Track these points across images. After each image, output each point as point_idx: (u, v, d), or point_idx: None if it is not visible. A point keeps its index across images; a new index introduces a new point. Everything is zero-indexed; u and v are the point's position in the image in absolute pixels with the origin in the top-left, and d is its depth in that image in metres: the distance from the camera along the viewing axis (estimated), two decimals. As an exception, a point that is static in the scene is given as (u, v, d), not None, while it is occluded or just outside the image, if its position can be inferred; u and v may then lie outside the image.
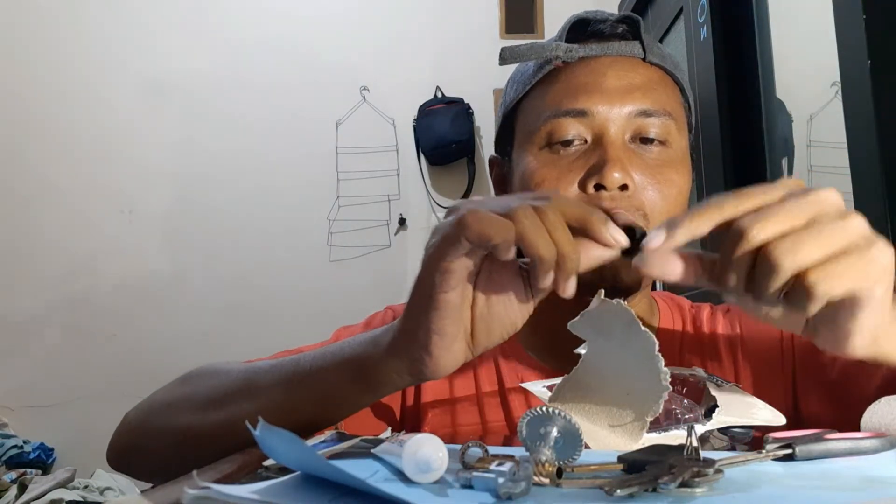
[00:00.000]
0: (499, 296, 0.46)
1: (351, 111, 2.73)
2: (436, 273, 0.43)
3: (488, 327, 0.46)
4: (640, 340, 0.44)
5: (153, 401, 0.64)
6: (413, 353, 0.46)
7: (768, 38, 1.61)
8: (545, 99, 0.66)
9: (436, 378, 0.47)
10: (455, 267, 0.43)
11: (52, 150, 2.71)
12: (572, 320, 0.49)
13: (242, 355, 0.73)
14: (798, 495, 0.33)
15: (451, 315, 0.44)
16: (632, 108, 0.63)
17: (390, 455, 0.37)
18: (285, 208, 2.68)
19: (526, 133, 0.67)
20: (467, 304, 0.45)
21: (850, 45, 1.09)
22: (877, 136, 1.03)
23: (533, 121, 0.67)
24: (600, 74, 0.65)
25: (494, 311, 0.46)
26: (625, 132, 0.64)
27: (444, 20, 2.80)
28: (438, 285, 0.43)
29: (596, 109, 0.63)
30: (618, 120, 0.63)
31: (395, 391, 0.51)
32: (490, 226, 0.41)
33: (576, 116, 0.63)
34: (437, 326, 0.44)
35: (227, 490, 0.30)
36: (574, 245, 0.42)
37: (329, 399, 0.52)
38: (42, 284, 2.63)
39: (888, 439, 0.41)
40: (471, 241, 0.41)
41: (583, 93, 0.64)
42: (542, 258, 0.41)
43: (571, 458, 0.36)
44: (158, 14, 2.78)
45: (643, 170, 0.63)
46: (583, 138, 0.64)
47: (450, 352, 0.45)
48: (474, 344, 0.46)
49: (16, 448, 2.37)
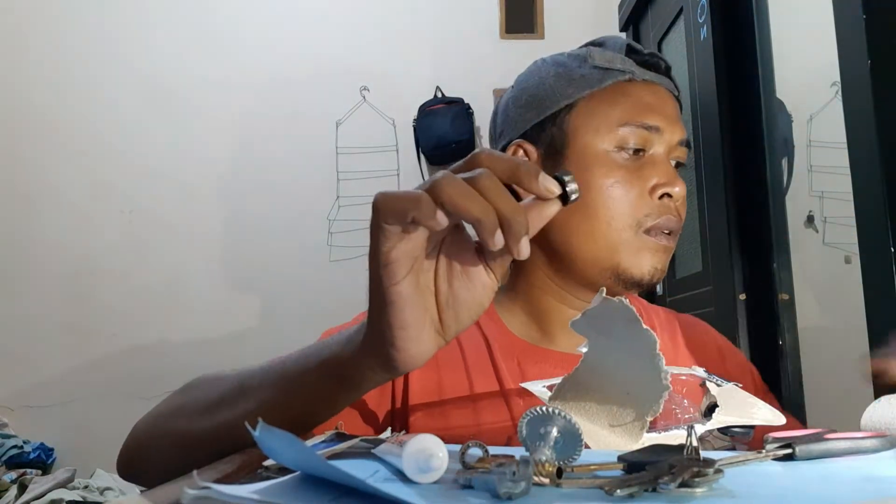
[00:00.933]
0: (460, 279, 0.45)
1: (351, 111, 2.73)
2: (378, 267, 0.43)
3: (455, 312, 0.46)
4: (641, 339, 0.44)
5: (156, 411, 0.65)
6: (381, 349, 0.45)
7: (768, 38, 1.61)
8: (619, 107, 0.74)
9: (410, 370, 0.47)
10: (395, 256, 0.42)
11: (53, 150, 2.71)
12: (573, 318, 0.49)
13: (242, 355, 0.74)
14: (798, 495, 0.33)
15: (408, 306, 0.44)
16: (681, 136, 0.76)
17: (390, 455, 0.37)
18: (285, 208, 2.68)
19: (594, 129, 0.75)
20: (427, 292, 0.45)
21: (850, 45, 1.09)
22: (877, 136, 1.03)
23: (603, 121, 0.74)
24: (662, 100, 0.76)
25: (459, 295, 0.46)
26: (672, 153, 0.75)
27: (444, 20, 2.80)
28: (386, 278, 0.43)
29: (663, 129, 0.74)
30: (672, 143, 0.75)
31: (376, 386, 0.52)
32: (401, 202, 0.40)
33: (649, 130, 0.74)
34: (398, 321, 0.44)
35: (227, 490, 0.30)
36: (516, 206, 0.41)
37: (314, 399, 0.53)
38: (42, 284, 2.64)
39: (888, 439, 0.41)
40: (387, 221, 0.41)
41: (653, 112, 0.74)
42: (480, 220, 0.40)
43: (571, 458, 0.35)
44: (158, 14, 2.78)
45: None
46: (647, 149, 0.74)
47: (418, 342, 0.45)
48: (444, 330, 0.46)
49: (16, 448, 2.37)
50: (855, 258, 1.13)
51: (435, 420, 0.70)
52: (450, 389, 0.71)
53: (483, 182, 0.41)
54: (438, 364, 0.72)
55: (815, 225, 1.72)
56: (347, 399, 0.54)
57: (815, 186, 1.70)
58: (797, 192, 1.70)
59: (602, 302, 0.46)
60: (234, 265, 2.67)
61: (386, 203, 0.41)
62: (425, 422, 0.70)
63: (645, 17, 2.33)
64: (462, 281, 0.45)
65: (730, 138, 1.66)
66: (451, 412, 0.70)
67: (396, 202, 0.40)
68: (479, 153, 0.43)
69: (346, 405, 0.54)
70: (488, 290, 0.46)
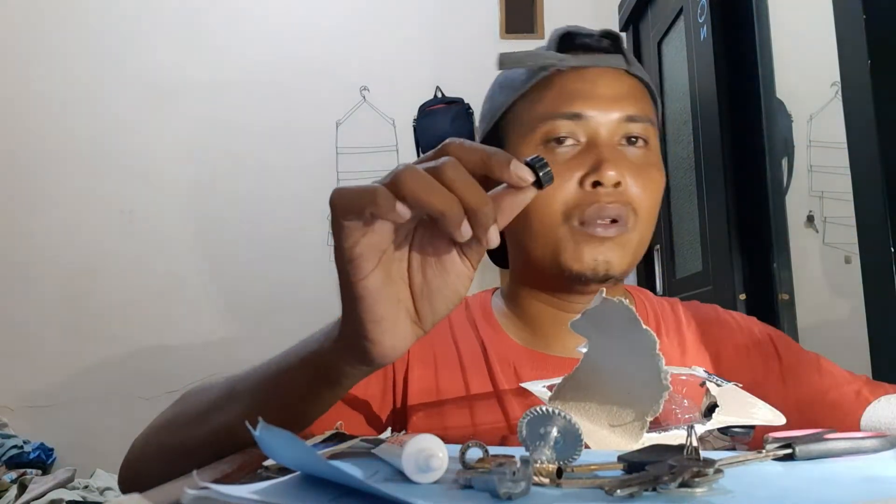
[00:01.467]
0: (434, 268, 0.44)
1: (351, 111, 2.73)
2: (344, 264, 0.43)
3: (430, 302, 0.45)
4: (641, 339, 0.44)
5: (152, 425, 0.66)
6: (356, 343, 0.45)
7: (768, 38, 1.61)
8: (541, 103, 0.72)
9: (389, 362, 0.46)
10: (359, 251, 0.42)
11: (53, 152, 2.71)
12: (573, 319, 0.49)
13: (242, 356, 0.74)
14: (798, 495, 0.33)
15: (379, 300, 0.43)
16: (620, 113, 0.71)
17: (390, 455, 0.37)
18: (285, 208, 2.68)
19: (521, 134, 0.73)
20: (400, 282, 0.45)
21: (850, 45, 1.09)
22: (877, 136, 1.03)
23: (528, 122, 0.73)
24: (591, 83, 0.72)
25: (433, 285, 0.45)
26: (614, 135, 0.71)
27: (444, 20, 2.80)
28: (352, 275, 0.43)
29: (589, 114, 0.70)
30: (608, 124, 0.71)
31: (358, 381, 0.51)
32: (356, 197, 0.40)
33: (571, 119, 0.70)
34: (369, 315, 0.43)
35: (227, 490, 0.30)
36: (482, 195, 0.40)
37: (299, 398, 0.52)
38: (42, 285, 2.64)
39: (888, 439, 0.41)
40: (346, 218, 0.40)
41: (577, 98, 0.71)
42: (443, 213, 0.39)
43: (571, 458, 0.36)
44: (158, 16, 2.78)
45: (631, 169, 0.70)
46: (576, 139, 0.71)
47: (392, 335, 0.44)
48: (420, 320, 0.46)
49: (16, 448, 2.37)
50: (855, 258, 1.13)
51: (432, 420, 0.70)
52: (446, 391, 0.71)
53: (448, 173, 0.40)
54: (437, 365, 0.72)
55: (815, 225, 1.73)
56: (333, 396, 0.53)
57: (815, 186, 1.71)
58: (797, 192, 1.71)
59: (602, 302, 0.46)
60: (234, 265, 2.67)
61: (342, 199, 0.40)
62: (423, 422, 0.70)
63: (645, 17, 2.33)
64: (436, 270, 0.45)
65: (730, 138, 1.66)
66: (447, 413, 0.70)
67: (352, 198, 0.40)
68: (448, 143, 0.42)
69: (332, 402, 0.54)
70: (464, 278, 0.45)
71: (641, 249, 0.73)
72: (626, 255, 0.70)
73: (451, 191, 0.39)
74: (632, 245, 0.70)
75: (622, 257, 0.69)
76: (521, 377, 0.70)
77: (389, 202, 0.39)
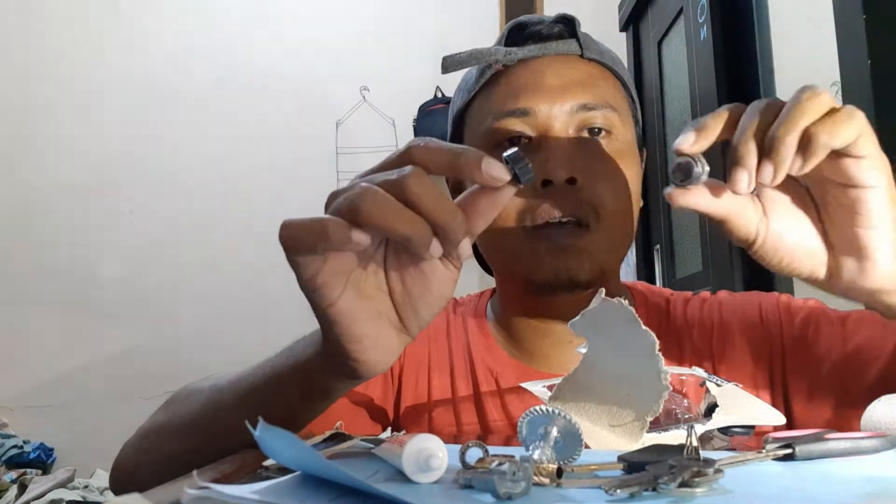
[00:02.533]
0: (413, 276, 0.42)
1: (351, 111, 2.73)
2: (308, 292, 0.41)
3: (414, 309, 0.43)
4: (641, 339, 0.44)
5: (142, 430, 0.64)
6: (341, 361, 0.43)
7: (768, 38, 1.61)
8: (488, 102, 0.68)
9: (377, 374, 0.45)
10: (321, 281, 0.39)
11: (52, 150, 2.71)
12: (573, 319, 0.49)
13: (242, 355, 0.74)
14: (798, 495, 0.33)
15: (354, 320, 0.41)
16: (573, 103, 0.64)
17: (390, 455, 0.37)
18: (285, 208, 2.67)
19: (473, 137, 0.69)
20: (378, 295, 0.42)
21: (850, 45, 1.09)
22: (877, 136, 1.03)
23: (478, 125, 0.68)
24: (539, 74, 0.66)
25: (415, 292, 0.42)
26: (568, 128, 0.64)
27: (444, 20, 2.80)
28: (319, 302, 0.40)
29: (538, 108, 0.64)
30: (560, 116, 0.64)
31: (346, 392, 0.50)
32: (304, 233, 0.37)
33: (519, 116, 0.65)
34: (347, 336, 0.42)
35: (227, 490, 0.30)
36: (450, 209, 0.37)
37: (284, 409, 0.51)
38: (42, 285, 2.64)
39: (888, 439, 0.41)
40: (296, 254, 0.38)
41: (523, 92, 0.65)
42: (409, 237, 0.36)
43: (571, 458, 0.36)
44: (158, 14, 2.78)
45: (590, 163, 0.63)
46: (527, 137, 0.65)
47: (375, 350, 0.43)
48: (406, 328, 0.44)
49: (16, 448, 2.37)
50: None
51: (421, 422, 0.69)
52: (435, 393, 0.70)
53: (410, 187, 0.36)
54: (430, 367, 0.71)
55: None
56: (323, 405, 0.52)
57: (815, 186, 1.70)
58: (797, 192, 1.70)
59: (601, 303, 0.46)
60: (234, 265, 2.66)
61: (289, 237, 0.38)
62: (413, 423, 0.69)
63: (645, 17, 2.33)
64: (416, 277, 0.42)
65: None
66: (434, 416, 0.70)
67: (301, 234, 0.37)
68: (412, 146, 0.39)
69: (322, 411, 0.53)
70: (447, 280, 0.43)
71: (615, 251, 0.67)
72: (591, 259, 0.63)
73: (416, 208, 0.36)
74: (598, 248, 0.63)
75: (586, 263, 0.62)
76: (501, 387, 0.69)
77: (343, 233, 0.36)
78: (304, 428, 0.54)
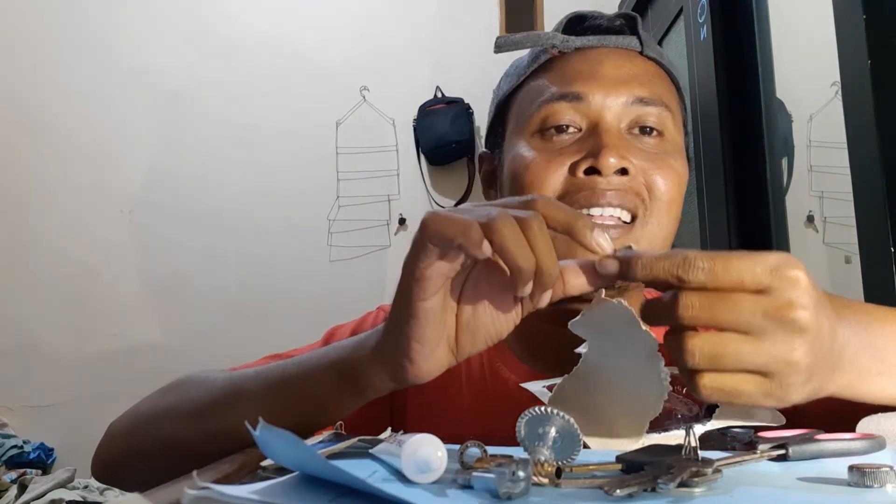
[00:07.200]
0: (485, 305, 0.45)
1: (351, 111, 2.73)
2: (411, 281, 0.43)
3: (473, 335, 0.46)
4: (641, 340, 0.44)
5: (137, 412, 0.63)
6: (395, 359, 0.45)
7: (768, 38, 1.61)
8: (539, 86, 0.65)
9: (418, 383, 0.46)
10: (430, 274, 0.42)
11: (52, 150, 2.71)
12: (572, 320, 0.49)
13: (242, 355, 0.74)
14: (798, 495, 0.33)
15: (430, 323, 0.44)
16: (628, 96, 0.62)
17: (389, 455, 0.37)
18: (285, 208, 2.68)
19: (518, 122, 0.67)
20: (450, 311, 0.45)
21: (850, 45, 1.09)
22: (877, 136, 1.03)
23: (526, 108, 0.66)
24: (597, 63, 0.64)
25: (480, 320, 0.46)
26: (621, 121, 0.62)
27: (444, 20, 2.80)
28: (415, 293, 0.43)
29: (592, 95, 0.62)
30: (613, 107, 0.62)
31: (380, 395, 0.51)
32: (449, 226, 0.40)
33: (571, 101, 0.62)
34: (417, 334, 0.44)
35: (227, 490, 0.30)
36: (555, 262, 0.41)
37: (315, 403, 0.52)
38: (42, 284, 2.63)
39: (877, 440, 0.42)
40: (433, 242, 0.41)
41: (579, 78, 0.63)
42: (521, 269, 0.40)
43: (570, 458, 0.36)
44: (158, 14, 2.78)
45: (641, 157, 0.61)
46: (578, 126, 0.63)
47: (431, 358, 0.45)
48: (458, 350, 0.46)
49: (16, 448, 2.37)
50: (855, 258, 1.13)
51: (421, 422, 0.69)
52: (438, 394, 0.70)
53: (534, 230, 0.40)
54: None
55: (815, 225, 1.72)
56: (349, 405, 0.53)
57: (815, 186, 1.70)
58: (797, 192, 1.70)
59: (601, 304, 0.46)
60: (234, 265, 2.66)
61: (435, 224, 0.41)
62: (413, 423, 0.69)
63: (645, 17, 2.33)
64: (486, 307, 0.45)
65: (730, 138, 1.66)
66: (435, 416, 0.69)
67: (446, 224, 0.40)
68: (538, 199, 0.43)
69: (347, 412, 0.53)
70: (509, 322, 0.46)
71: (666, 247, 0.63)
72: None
73: (532, 248, 0.40)
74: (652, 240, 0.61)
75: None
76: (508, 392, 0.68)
77: (478, 239, 0.40)
78: (328, 425, 0.54)
